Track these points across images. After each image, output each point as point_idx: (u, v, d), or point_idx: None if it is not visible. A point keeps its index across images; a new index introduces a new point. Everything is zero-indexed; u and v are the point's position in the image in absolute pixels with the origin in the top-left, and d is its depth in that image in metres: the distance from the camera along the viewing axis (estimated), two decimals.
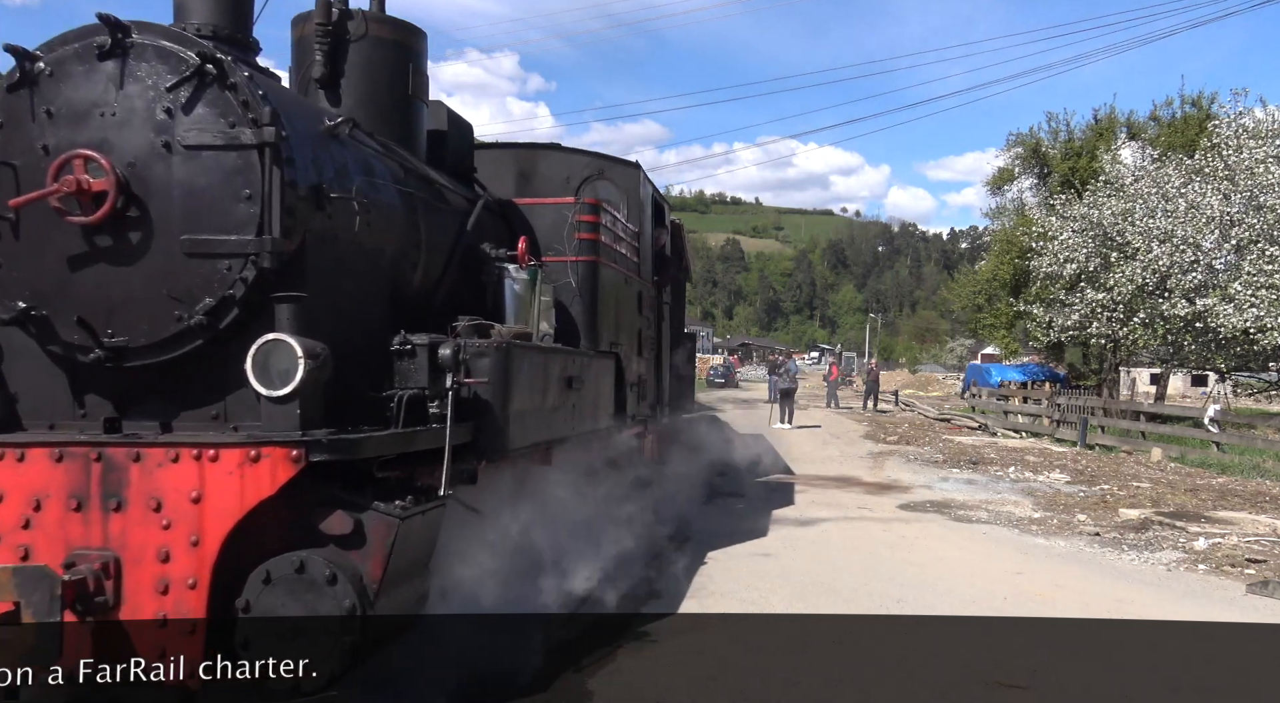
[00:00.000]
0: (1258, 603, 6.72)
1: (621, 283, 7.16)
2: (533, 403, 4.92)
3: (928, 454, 16.68)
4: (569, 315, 6.34)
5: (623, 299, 7.18)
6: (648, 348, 8.16)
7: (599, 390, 6.38)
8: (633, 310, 7.58)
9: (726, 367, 49.00)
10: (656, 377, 8.84)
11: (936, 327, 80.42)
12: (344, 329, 4.16)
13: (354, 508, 3.59)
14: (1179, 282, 18.92)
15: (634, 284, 7.66)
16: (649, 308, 8.30)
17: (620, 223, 7.26)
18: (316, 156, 4.14)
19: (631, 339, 7.49)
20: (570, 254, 6.39)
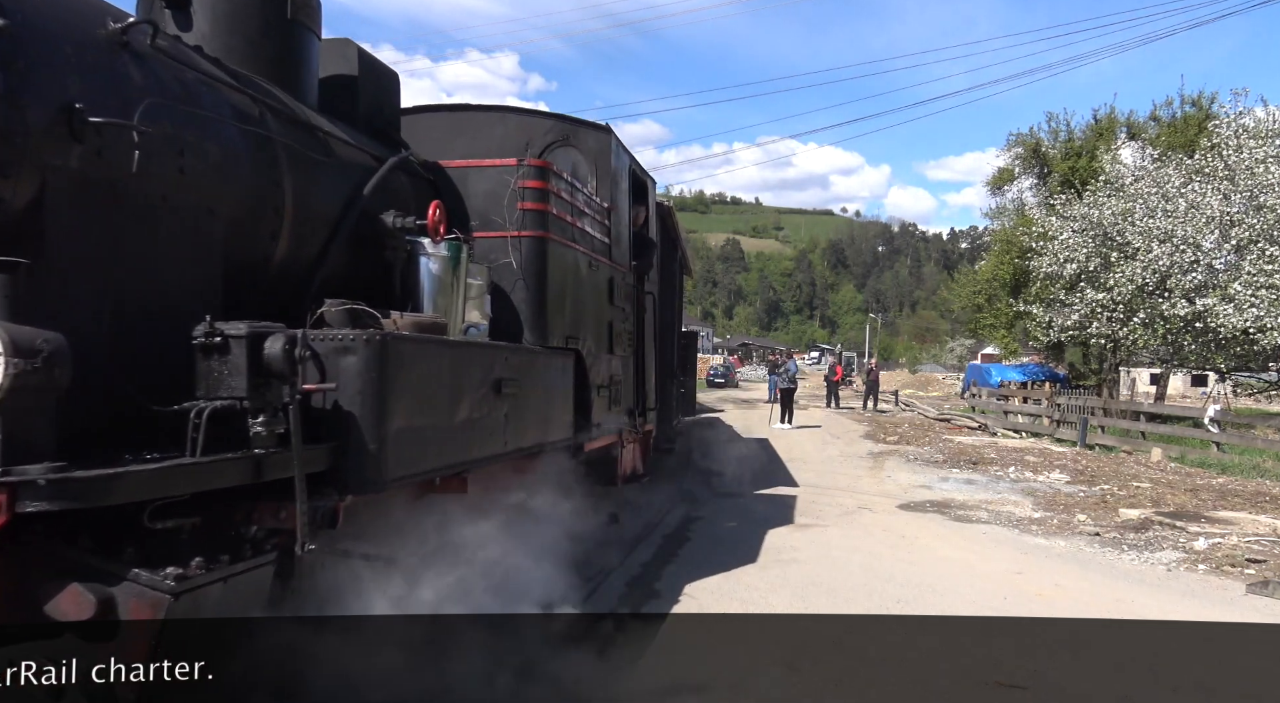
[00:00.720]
0: (1258, 603, 6.71)
1: (583, 266, 6.03)
2: (431, 416, 3.74)
3: (928, 454, 16.68)
4: (510, 303, 5.23)
5: (586, 286, 6.08)
6: (623, 344, 7.15)
7: (549, 395, 5.21)
8: (601, 300, 6.49)
9: (726, 367, 49.01)
10: (638, 378, 7.84)
11: (936, 327, 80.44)
12: (128, 317, 3.11)
13: (102, 579, 2.51)
14: (1179, 282, 18.92)
15: (602, 269, 6.55)
16: (624, 298, 7.20)
17: (583, 194, 6.15)
18: (80, 67, 2.96)
19: (600, 334, 6.43)
20: (512, 228, 5.23)
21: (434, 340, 3.98)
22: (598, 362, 6.34)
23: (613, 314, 6.84)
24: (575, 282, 5.90)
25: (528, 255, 5.30)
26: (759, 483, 12.38)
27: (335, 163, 4.35)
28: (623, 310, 7.18)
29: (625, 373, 7.21)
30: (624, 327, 7.22)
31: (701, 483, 11.70)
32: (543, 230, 5.36)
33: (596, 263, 6.38)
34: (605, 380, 6.55)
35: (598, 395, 6.24)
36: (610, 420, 6.72)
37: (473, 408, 4.13)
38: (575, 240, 5.88)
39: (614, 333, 6.85)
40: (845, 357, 64.34)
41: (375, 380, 3.32)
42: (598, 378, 6.29)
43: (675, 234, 13.57)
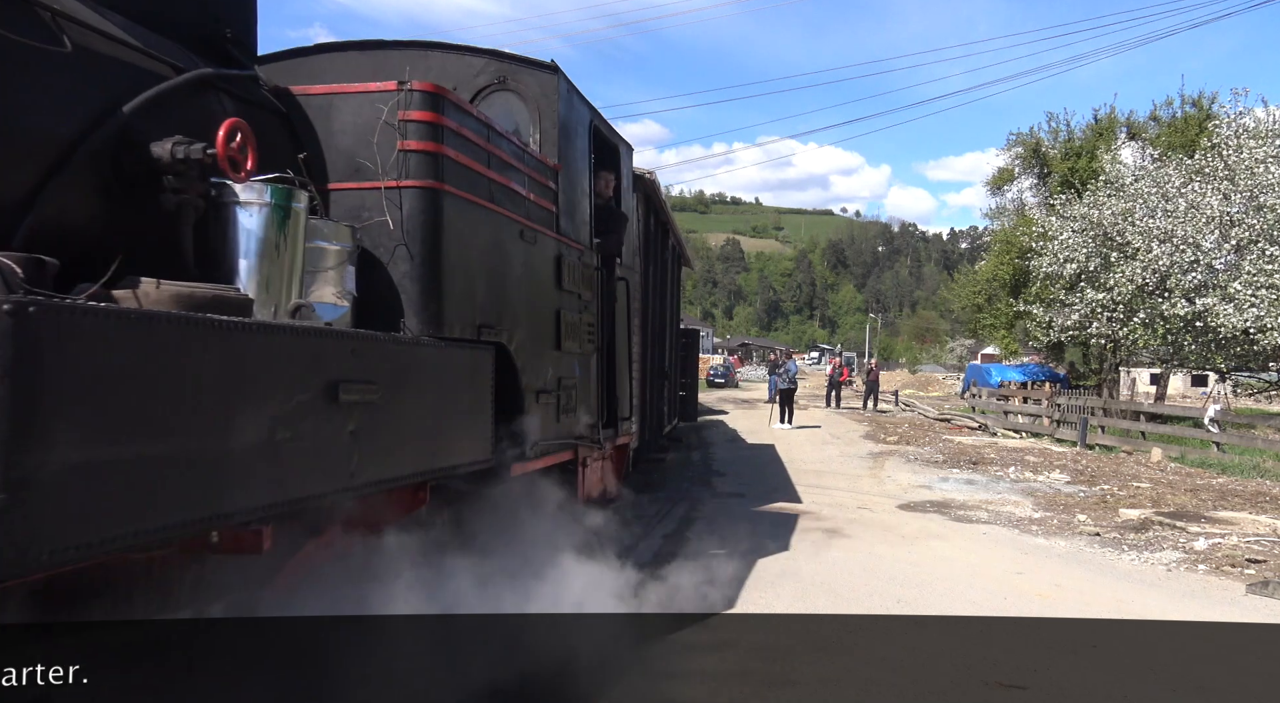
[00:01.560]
0: (1258, 603, 6.71)
1: (510, 236, 4.70)
2: (170, 438, 2.38)
3: (928, 454, 16.68)
4: (388, 278, 3.89)
5: (515, 262, 4.76)
6: (579, 339, 5.77)
7: (444, 404, 3.89)
8: (541, 282, 5.17)
9: (726, 367, 49.02)
10: (604, 380, 6.45)
11: (936, 327, 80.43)
12: None
13: None
14: (1179, 281, 18.92)
15: (545, 244, 5.21)
16: (582, 282, 5.83)
17: (511, 144, 4.81)
18: None
19: (540, 324, 5.13)
20: (388, 175, 3.88)
21: (163, 317, 2.40)
22: (536, 360, 5.01)
23: (561, 301, 5.40)
24: (495, 254, 4.48)
25: (412, 213, 3.87)
26: (759, 484, 12.37)
27: (75, 62, 2.88)
28: (577, 297, 5.75)
29: (584, 374, 5.83)
30: (580, 317, 5.78)
31: (701, 484, 11.67)
32: (434, 180, 3.92)
33: (534, 234, 4.97)
34: (549, 383, 5.18)
35: (536, 403, 4.93)
36: (559, 433, 5.38)
37: (278, 424, 2.78)
38: (496, 200, 4.48)
39: (563, 324, 5.41)
40: (845, 357, 64.36)
41: (9, 378, 1.94)
42: (536, 380, 4.97)
43: (664, 216, 12.51)
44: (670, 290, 14.73)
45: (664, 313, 13.11)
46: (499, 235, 4.61)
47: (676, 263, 16.69)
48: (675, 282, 16.31)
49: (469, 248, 4.27)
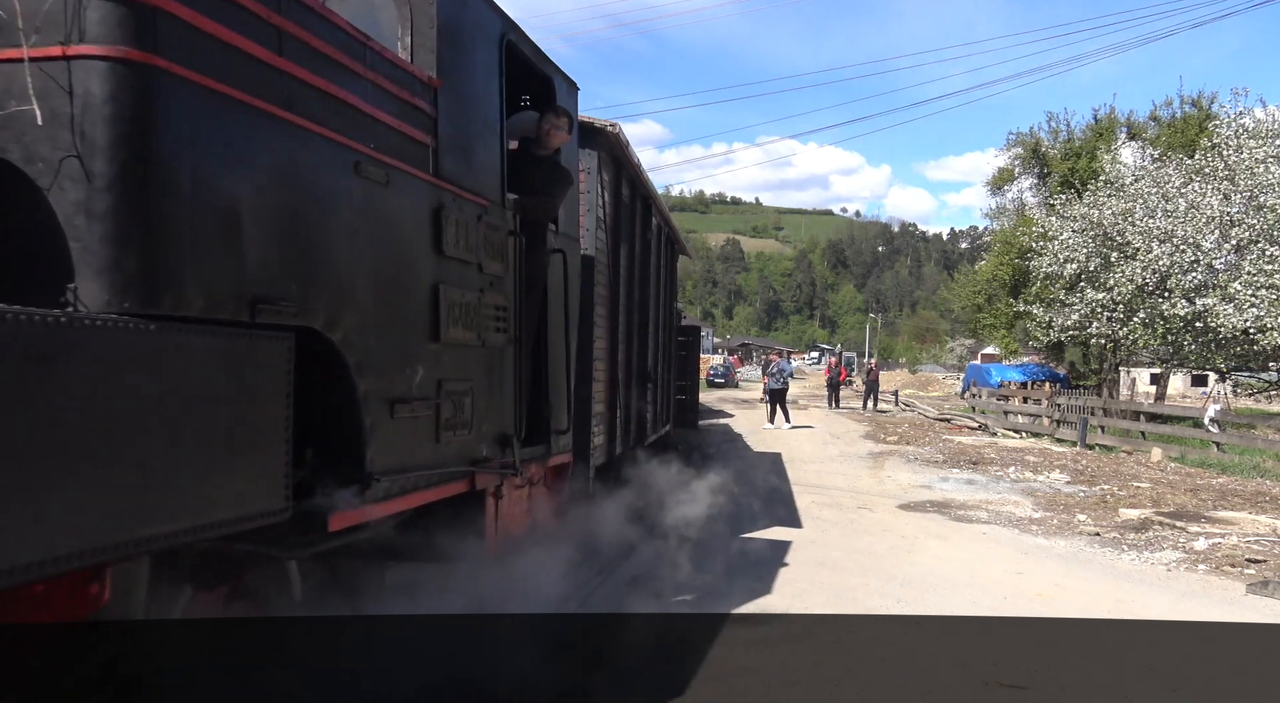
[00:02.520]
0: (1258, 603, 6.71)
1: (335, 167, 3.23)
2: None
3: (928, 454, 16.68)
4: (48, 213, 2.42)
5: (344, 206, 3.27)
6: (476, 326, 4.33)
7: (168, 430, 2.47)
8: (405, 241, 3.72)
9: (726, 367, 49.02)
10: (523, 383, 4.95)
11: (936, 327, 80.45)
12: None
13: None
14: (1179, 282, 18.93)
15: (410, 189, 3.75)
16: (483, 249, 4.39)
17: (333, 25, 3.29)
18: None
19: (397, 303, 3.66)
20: (46, 38, 2.41)
21: None
22: (391, 354, 3.59)
23: (443, 272, 3.97)
24: (297, 191, 3.00)
25: (92, 102, 2.40)
26: (756, 487, 12.37)
27: None
28: (475, 269, 4.30)
29: (489, 375, 4.46)
30: (479, 297, 4.31)
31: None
32: (137, 47, 2.44)
33: (387, 172, 3.50)
34: (419, 388, 3.78)
35: (390, 417, 3.54)
36: (440, 457, 3.98)
37: None
38: (299, 108, 2.99)
39: (446, 305, 3.97)
40: (845, 357, 64.39)
41: None
42: (392, 384, 3.58)
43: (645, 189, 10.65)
44: (658, 279, 12.94)
45: (647, 304, 11.37)
46: (307, 163, 3.04)
47: (667, 249, 14.59)
48: (665, 270, 14.25)
49: (233, 174, 2.74)
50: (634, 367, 10.47)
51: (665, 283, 14.33)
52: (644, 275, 11.24)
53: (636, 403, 10.72)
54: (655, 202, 11.77)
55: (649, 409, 11.84)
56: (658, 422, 13.29)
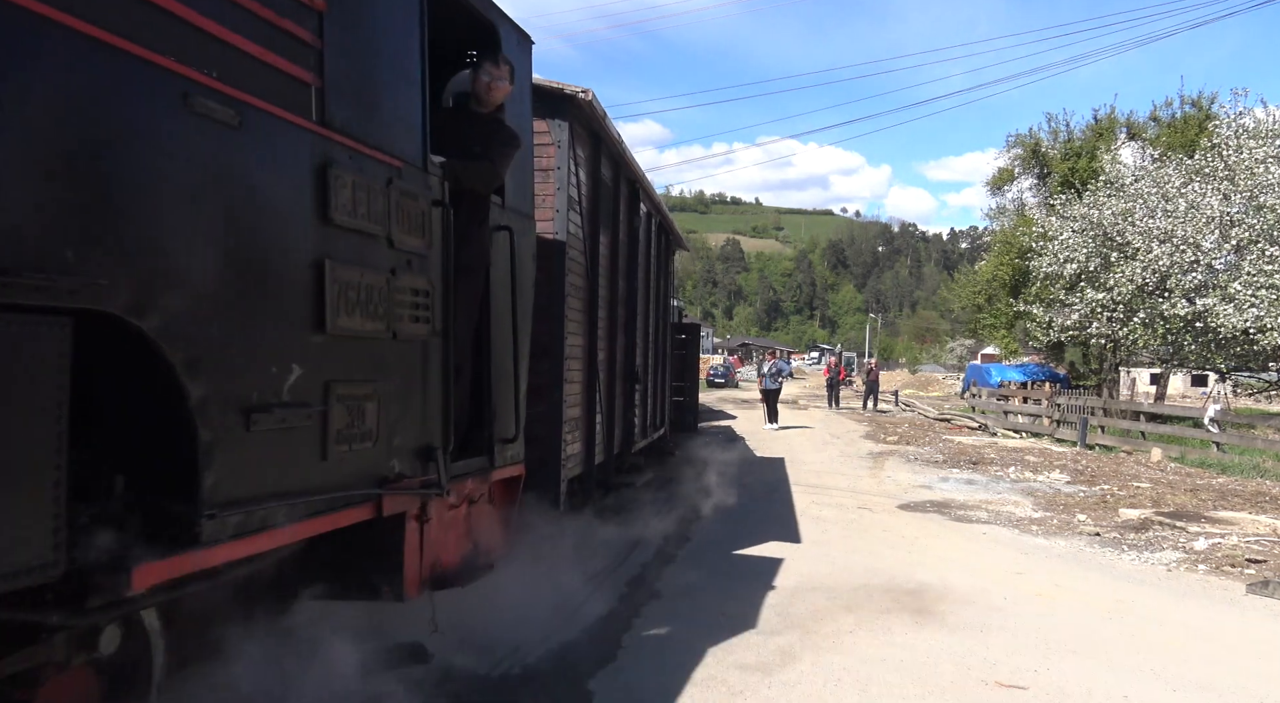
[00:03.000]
0: (1258, 603, 6.71)
1: (147, 96, 2.46)
2: None
3: (928, 454, 16.68)
4: None
5: (166, 151, 2.52)
6: (383, 315, 3.59)
7: None
8: (269, 202, 2.97)
9: (726, 367, 49.04)
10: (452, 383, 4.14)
11: (936, 327, 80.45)
12: None
13: None
14: (1179, 282, 18.94)
15: (280, 136, 3.03)
16: (395, 219, 3.66)
17: None
18: None
19: (256, 282, 2.91)
20: None
21: None
22: (245, 350, 2.83)
23: (329, 246, 3.23)
24: (79, 120, 2.28)
25: None
26: (756, 488, 12.37)
27: None
28: (381, 244, 3.58)
29: (408, 376, 3.78)
30: (388, 280, 3.59)
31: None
32: None
33: (239, 110, 2.77)
34: (294, 394, 3.04)
35: (247, 432, 2.82)
36: (329, 478, 3.24)
37: None
38: (77, 6, 2.24)
39: (335, 289, 3.24)
40: (845, 357, 64.37)
41: None
42: (249, 389, 2.84)
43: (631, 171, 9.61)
44: (649, 272, 11.86)
45: (634, 299, 10.40)
46: (98, 86, 2.31)
47: (661, 241, 13.53)
48: (658, 263, 13.08)
49: None
50: (618, 367, 9.61)
51: (658, 277, 13.18)
52: (630, 266, 10.21)
53: (622, 406, 9.95)
54: (644, 186, 10.69)
55: (637, 413, 10.88)
56: (650, 426, 12.38)
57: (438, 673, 4.44)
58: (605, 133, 8.21)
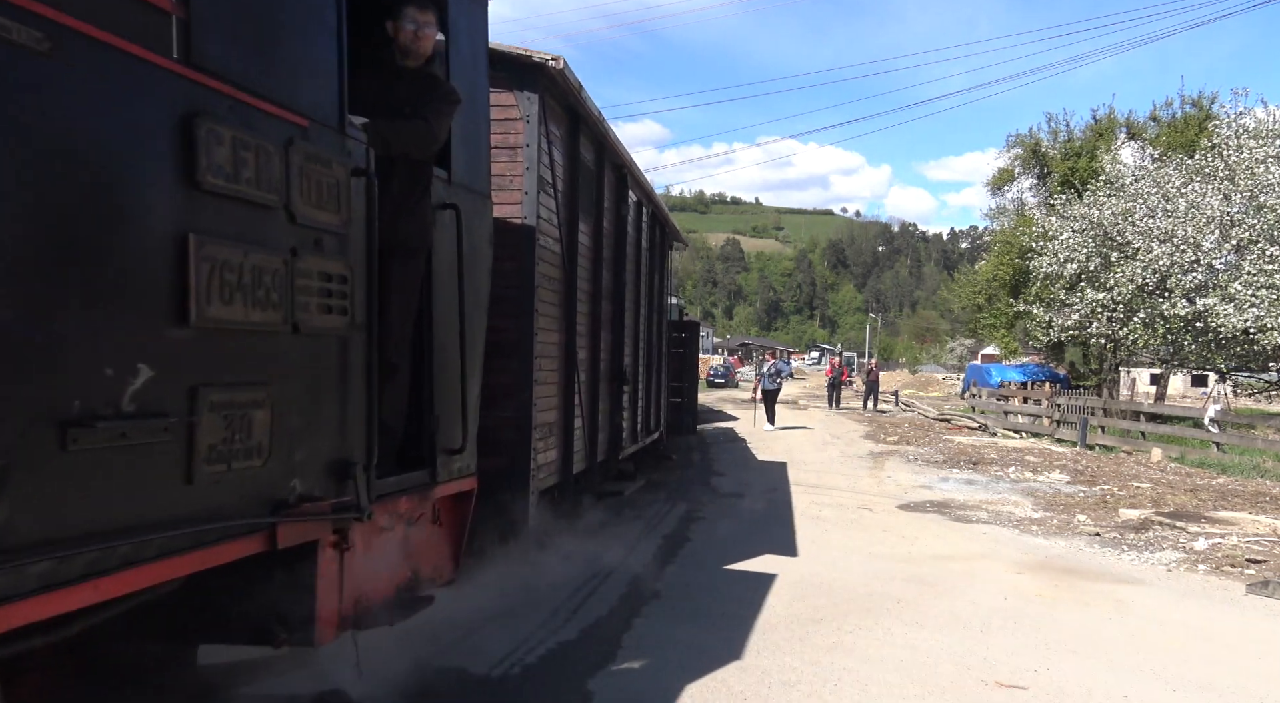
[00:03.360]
0: (1258, 603, 6.71)
1: None
2: None
3: (928, 454, 16.68)
4: None
5: None
6: (280, 304, 2.93)
7: None
8: (125, 170, 2.36)
9: (726, 367, 49.06)
10: (375, 386, 3.49)
11: (936, 327, 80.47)
12: None
13: None
14: (1179, 282, 18.94)
15: (131, 77, 2.36)
16: (315, 197, 3.13)
17: None
18: None
19: (78, 265, 2.22)
20: None
21: None
22: (55, 346, 2.18)
23: (195, 217, 2.59)
24: None
25: None
26: (757, 489, 12.38)
27: None
28: (278, 219, 2.95)
29: (316, 378, 3.19)
30: (286, 263, 2.97)
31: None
32: None
33: (46, 33, 2.11)
34: (138, 402, 2.40)
35: (63, 451, 2.18)
36: (188, 510, 2.60)
37: None
38: None
39: (203, 270, 2.59)
40: (845, 357, 64.37)
41: None
42: (65, 396, 2.20)
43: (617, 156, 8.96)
44: (639, 265, 11.07)
45: (622, 293, 9.69)
46: None
47: (654, 232, 12.55)
48: (650, 256, 12.14)
49: None
50: (603, 366, 8.94)
51: (650, 270, 12.33)
52: (617, 258, 9.50)
53: (609, 409, 9.34)
54: (632, 173, 9.94)
55: (626, 416, 10.14)
56: (642, 430, 11.69)
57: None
58: (584, 110, 7.52)
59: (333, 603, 3.34)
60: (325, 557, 3.26)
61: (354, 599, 3.50)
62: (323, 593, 3.25)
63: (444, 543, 4.48)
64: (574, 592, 6.21)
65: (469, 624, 5.10)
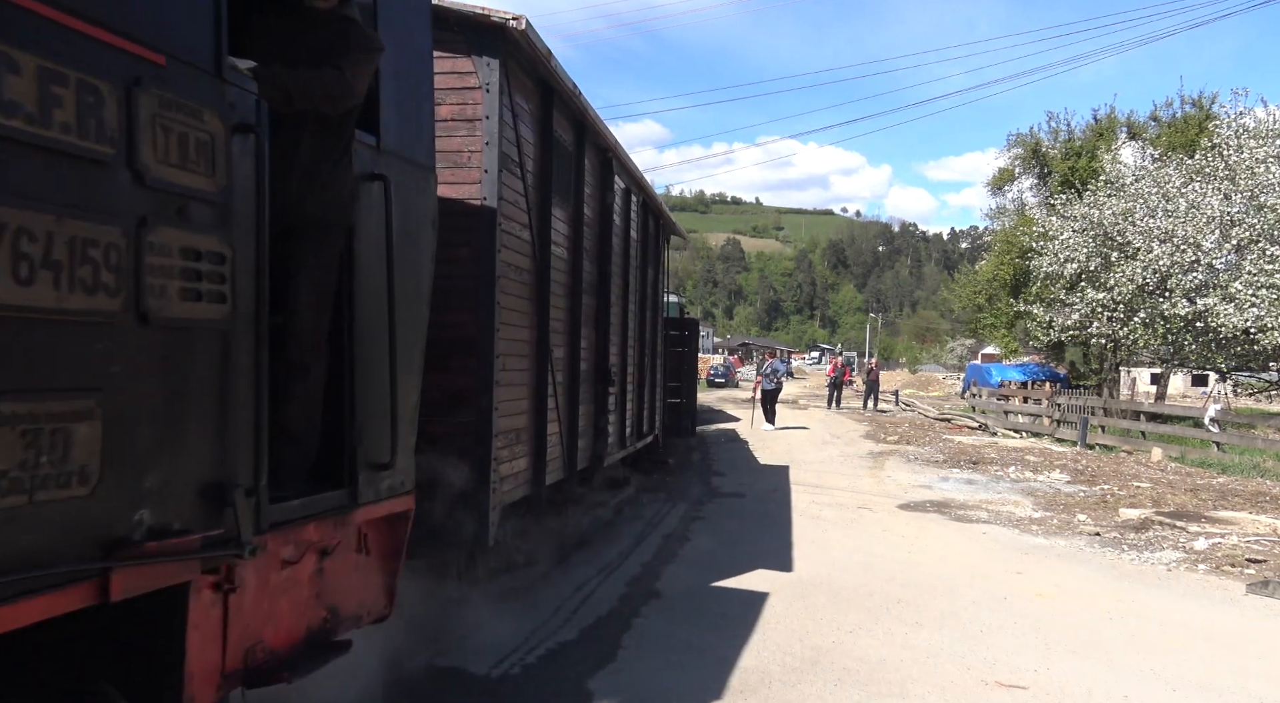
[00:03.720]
0: (1258, 603, 6.71)
1: None
2: None
3: (928, 454, 16.68)
4: None
5: None
6: (153, 289, 2.36)
7: None
8: None
9: (726, 367, 49.07)
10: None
11: (937, 327, 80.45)
12: None
13: None
14: (1179, 281, 18.94)
15: None
16: (176, 154, 2.47)
17: None
18: None
19: None
20: None
21: None
22: None
23: None
24: None
25: None
26: (757, 488, 12.38)
27: None
28: (115, 177, 2.28)
29: (177, 380, 2.52)
30: (129, 235, 2.30)
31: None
32: None
33: None
34: None
35: None
36: None
37: None
38: None
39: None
40: (845, 357, 64.36)
41: None
42: None
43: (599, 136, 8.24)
44: (627, 256, 10.21)
45: (607, 285, 8.91)
46: None
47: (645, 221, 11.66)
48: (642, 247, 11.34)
49: None
50: (585, 366, 8.18)
51: (642, 264, 11.43)
52: (601, 249, 8.65)
53: (592, 412, 8.56)
54: (618, 156, 9.09)
55: (612, 419, 9.31)
56: (633, 434, 10.82)
57: None
58: (557, 83, 6.67)
59: (211, 658, 2.72)
60: (199, 602, 2.64)
61: (243, 650, 2.91)
62: (195, 647, 2.64)
63: (373, 574, 3.75)
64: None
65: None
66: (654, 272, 12.74)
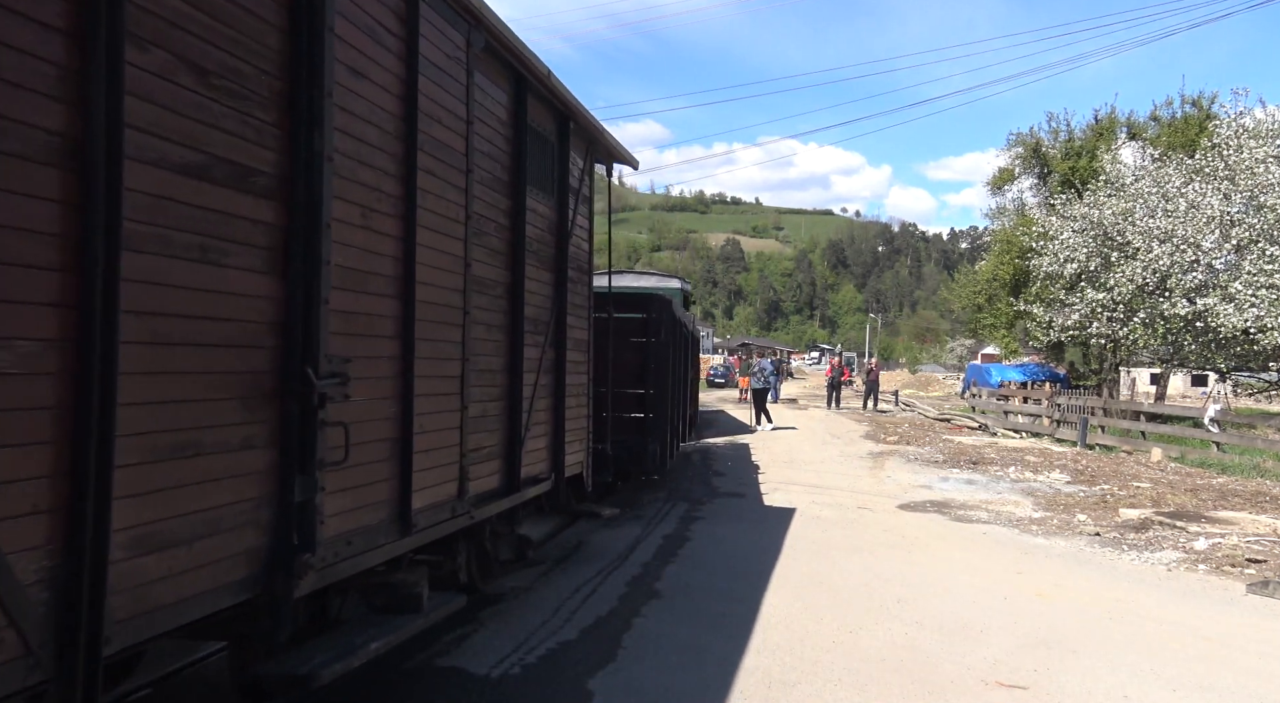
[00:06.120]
0: (1258, 603, 6.71)
1: None
2: None
3: (928, 454, 16.68)
4: None
5: None
6: None
7: None
8: None
9: (726, 367, 49.08)
10: None
11: (936, 327, 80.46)
12: None
13: None
14: (1179, 281, 18.94)
15: None
16: None
17: None
18: None
19: None
20: None
21: None
22: None
23: None
24: None
25: None
26: (759, 487, 12.37)
27: None
28: None
29: None
30: None
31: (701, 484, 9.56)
32: None
33: None
34: None
35: None
36: None
37: None
38: None
39: None
40: (845, 357, 64.33)
41: None
42: None
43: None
44: (466, 164, 4.83)
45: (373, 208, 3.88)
46: None
47: (545, 123, 6.33)
48: (516, 162, 5.72)
49: None
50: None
51: (513, 185, 5.79)
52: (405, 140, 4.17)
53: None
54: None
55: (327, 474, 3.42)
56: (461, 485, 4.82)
57: None
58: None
59: None
60: None
61: None
62: None
63: None
64: None
65: None
66: (560, 210, 6.85)
